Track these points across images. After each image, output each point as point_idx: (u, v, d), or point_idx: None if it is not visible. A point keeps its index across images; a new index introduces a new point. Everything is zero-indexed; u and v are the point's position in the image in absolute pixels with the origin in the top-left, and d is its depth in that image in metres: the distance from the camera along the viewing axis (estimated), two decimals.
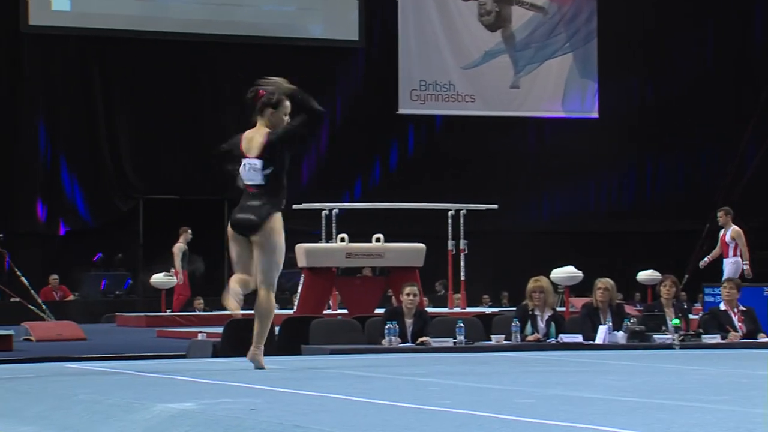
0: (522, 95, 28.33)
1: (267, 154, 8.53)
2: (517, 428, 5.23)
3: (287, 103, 8.72)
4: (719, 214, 17.94)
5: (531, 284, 12.43)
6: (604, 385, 7.50)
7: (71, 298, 23.91)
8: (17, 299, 19.84)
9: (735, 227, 17.57)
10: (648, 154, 29.46)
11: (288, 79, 8.85)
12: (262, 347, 8.84)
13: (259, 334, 8.83)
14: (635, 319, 12.25)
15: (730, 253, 17.45)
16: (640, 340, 11.82)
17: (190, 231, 21.08)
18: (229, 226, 8.76)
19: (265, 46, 26.71)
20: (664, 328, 12.20)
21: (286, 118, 8.71)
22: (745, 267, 17.17)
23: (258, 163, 8.51)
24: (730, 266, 17.33)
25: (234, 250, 8.73)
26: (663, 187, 29.52)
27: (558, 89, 28.55)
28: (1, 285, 20.82)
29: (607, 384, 7.63)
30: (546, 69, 28.45)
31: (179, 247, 21.24)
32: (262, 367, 8.74)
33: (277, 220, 8.66)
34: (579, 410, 5.90)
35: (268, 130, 8.64)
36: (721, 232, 17.75)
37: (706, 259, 18.17)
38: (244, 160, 8.58)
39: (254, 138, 8.65)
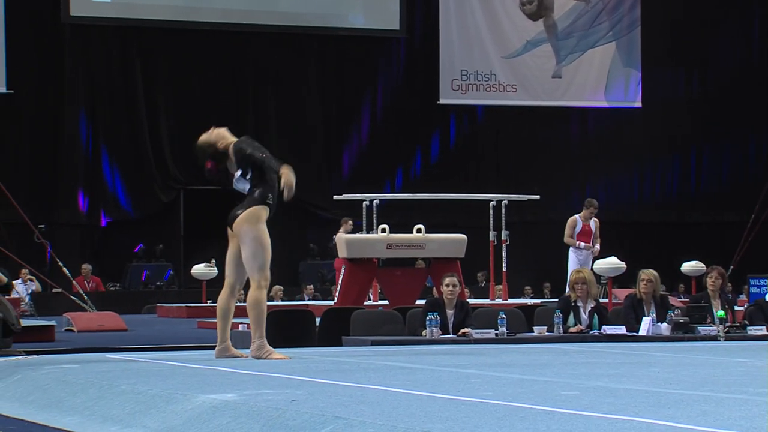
0: (564, 85, 28.19)
1: (239, 163, 9.11)
2: (561, 420, 5.17)
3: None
4: None
5: (573, 275, 12.36)
6: (648, 377, 7.43)
7: (103, 289, 23.96)
8: (59, 290, 19.94)
9: None
10: (692, 144, 29.25)
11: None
12: (263, 340, 8.97)
13: (254, 327, 9.06)
14: (679, 311, 12.13)
15: None
16: (684, 332, 11.71)
17: (351, 222, 20.29)
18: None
19: (305, 37, 26.73)
20: (709, 319, 12.08)
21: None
22: None
23: (238, 173, 9.13)
24: None
25: (229, 250, 9.23)
26: (707, 178, 29.30)
27: (601, 78, 28.38)
28: (42, 276, 20.93)
29: (652, 376, 7.56)
30: (588, 58, 28.29)
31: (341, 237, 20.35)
32: (276, 358, 8.85)
33: (254, 212, 9.02)
34: (623, 402, 5.83)
35: (233, 143, 9.22)
36: None
37: None
38: (233, 179, 9.22)
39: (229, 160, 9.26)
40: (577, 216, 17.55)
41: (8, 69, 24.59)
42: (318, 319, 12.98)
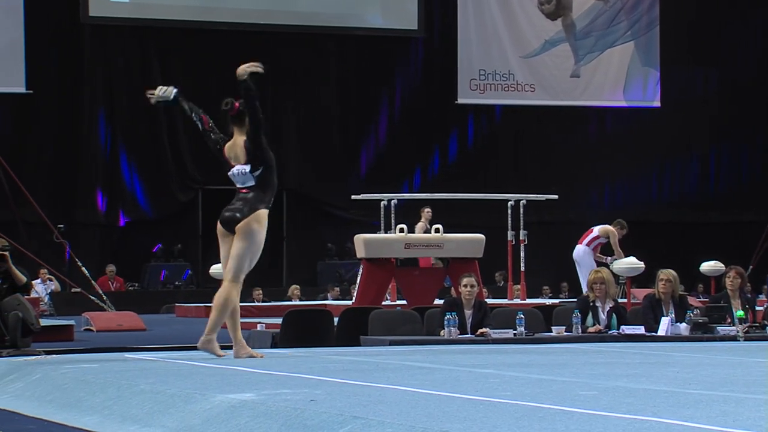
0: (583, 84, 28.13)
1: (251, 157, 8.97)
2: (579, 420, 5.16)
3: None
4: None
5: (592, 275, 12.33)
6: (667, 377, 7.41)
7: (126, 289, 24.05)
8: (78, 290, 19.99)
9: None
10: (711, 144, 29.15)
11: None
12: (214, 336, 8.98)
13: (212, 322, 9.01)
14: (698, 311, 12.09)
15: None
16: (703, 332, 11.67)
17: (429, 210, 19.70)
18: (218, 223, 9.09)
19: (323, 36, 26.74)
20: (728, 319, 12.03)
21: None
22: None
23: (247, 167, 8.97)
24: None
25: (222, 249, 9.12)
26: (726, 178, 29.20)
27: (619, 78, 28.31)
28: (61, 275, 20.99)
29: (671, 376, 7.54)
30: (607, 58, 28.23)
31: (421, 227, 20.16)
32: (218, 355, 8.88)
33: (261, 215, 8.96)
34: (642, 402, 5.82)
35: (245, 138, 9.09)
36: None
37: None
38: (233, 169, 9.03)
39: (235, 146, 9.11)
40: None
41: (27, 69, 24.67)
42: (336, 319, 12.98)
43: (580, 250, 17.80)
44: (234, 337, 9.15)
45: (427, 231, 19.24)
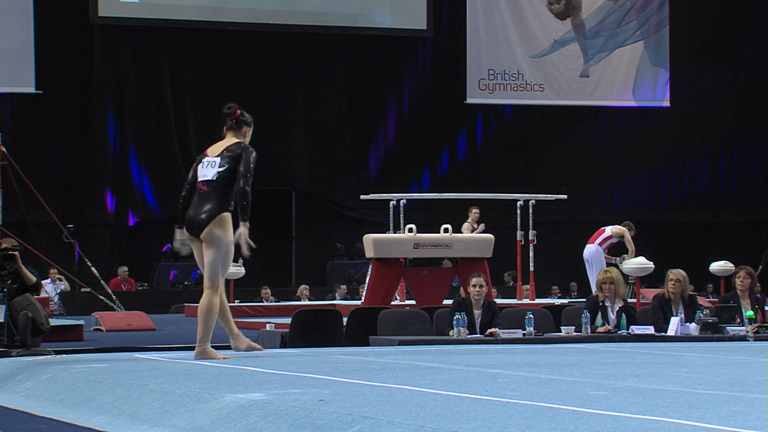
0: (592, 84, 28.11)
1: (229, 154, 8.93)
2: (589, 420, 5.15)
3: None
4: None
5: (601, 275, 12.31)
6: (676, 377, 7.40)
7: (135, 290, 24.08)
8: (88, 290, 20.02)
9: None
10: (721, 144, 29.11)
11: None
12: (207, 344, 9.03)
13: (201, 332, 9.06)
14: (708, 311, 12.08)
15: None
16: (713, 332, 11.65)
17: (476, 210, 19.70)
18: (183, 227, 9.16)
19: (332, 36, 26.75)
20: (738, 319, 12.01)
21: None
22: None
23: (217, 160, 8.92)
24: None
25: (194, 250, 9.14)
26: (736, 178, 29.16)
27: (629, 78, 28.29)
28: (71, 276, 21.03)
29: (680, 376, 7.53)
30: (616, 57, 28.21)
31: (467, 227, 20.06)
32: (219, 359, 8.93)
33: (224, 219, 8.91)
34: (651, 402, 5.81)
35: (239, 141, 9.04)
36: None
37: None
38: (204, 159, 9.01)
39: (221, 144, 9.07)
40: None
41: (37, 70, 24.73)
42: (345, 319, 12.98)
43: (592, 250, 17.79)
44: (230, 331, 9.30)
45: (474, 231, 19.25)
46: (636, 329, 11.74)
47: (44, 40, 24.83)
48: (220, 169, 8.87)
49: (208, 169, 8.91)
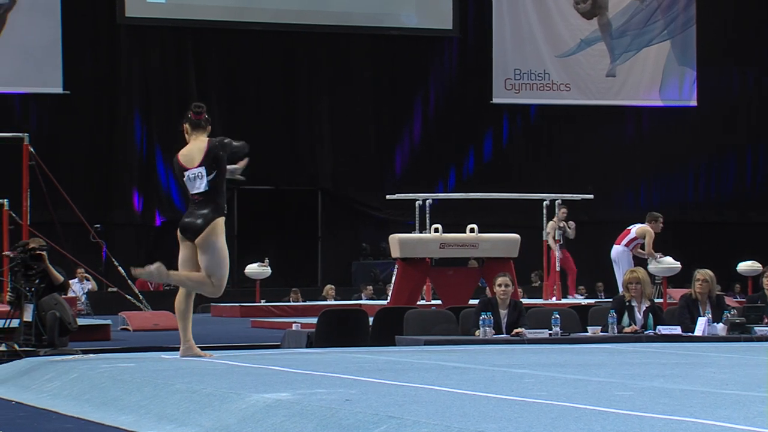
0: (618, 84, 28.02)
1: (209, 160, 9.03)
2: (615, 421, 5.14)
3: None
4: None
5: (627, 275, 12.26)
6: (704, 378, 7.37)
7: (163, 288, 24.12)
8: (114, 289, 20.09)
9: None
10: (748, 143, 28.97)
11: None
12: (189, 343, 9.22)
13: (184, 329, 9.29)
14: (735, 311, 12.02)
15: None
16: (740, 332, 11.59)
17: (564, 209, 19.28)
18: (177, 230, 9.21)
19: (358, 36, 26.76)
20: (765, 320, 11.96)
21: None
22: None
23: (201, 170, 9.01)
24: None
25: (182, 252, 9.18)
26: (763, 177, 29.01)
27: (655, 77, 28.19)
28: (98, 275, 21.10)
29: (707, 376, 7.50)
30: (643, 57, 28.11)
31: (552, 225, 20.00)
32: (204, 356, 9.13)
33: (219, 225, 9.11)
34: (678, 403, 5.79)
35: (209, 138, 9.14)
36: None
37: None
38: (186, 173, 9.05)
39: (192, 150, 9.15)
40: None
41: (65, 70, 24.82)
42: (371, 319, 12.98)
43: (618, 250, 17.72)
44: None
45: (560, 229, 19.13)
46: (663, 329, 11.69)
47: (71, 40, 24.92)
48: (209, 178, 8.99)
49: (196, 182, 8.99)
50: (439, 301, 15.93)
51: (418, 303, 15.50)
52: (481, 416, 5.37)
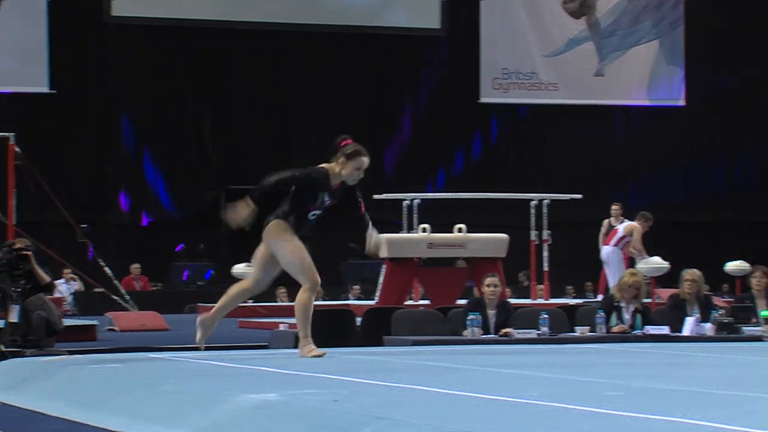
0: (607, 83, 28.03)
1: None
2: (607, 421, 5.12)
3: (363, 159, 9.86)
4: None
5: (629, 278, 12.13)
6: (692, 378, 7.36)
7: (150, 288, 24.10)
8: (101, 290, 20.03)
9: None
10: (736, 143, 29.01)
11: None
12: (309, 339, 9.26)
13: (300, 328, 9.47)
14: (723, 311, 12.03)
15: None
16: (728, 332, 11.60)
17: (615, 206, 19.43)
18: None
19: (346, 35, 26.73)
20: (753, 319, 11.96)
21: (357, 173, 9.93)
22: None
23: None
24: None
25: (260, 250, 9.74)
26: (751, 177, 29.05)
27: (644, 77, 28.21)
28: (85, 275, 21.03)
29: (698, 376, 7.49)
30: (631, 56, 28.13)
31: (606, 223, 19.57)
32: (313, 355, 9.05)
33: (270, 229, 9.66)
34: (669, 403, 5.78)
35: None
36: None
37: None
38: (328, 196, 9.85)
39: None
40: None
41: (51, 69, 24.73)
42: (359, 319, 12.96)
43: (608, 251, 17.71)
44: (213, 320, 9.53)
45: (611, 227, 19.01)
46: (651, 329, 11.70)
47: (57, 39, 24.83)
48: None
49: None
50: (427, 301, 15.91)
51: (406, 303, 15.47)
52: (470, 416, 5.36)
